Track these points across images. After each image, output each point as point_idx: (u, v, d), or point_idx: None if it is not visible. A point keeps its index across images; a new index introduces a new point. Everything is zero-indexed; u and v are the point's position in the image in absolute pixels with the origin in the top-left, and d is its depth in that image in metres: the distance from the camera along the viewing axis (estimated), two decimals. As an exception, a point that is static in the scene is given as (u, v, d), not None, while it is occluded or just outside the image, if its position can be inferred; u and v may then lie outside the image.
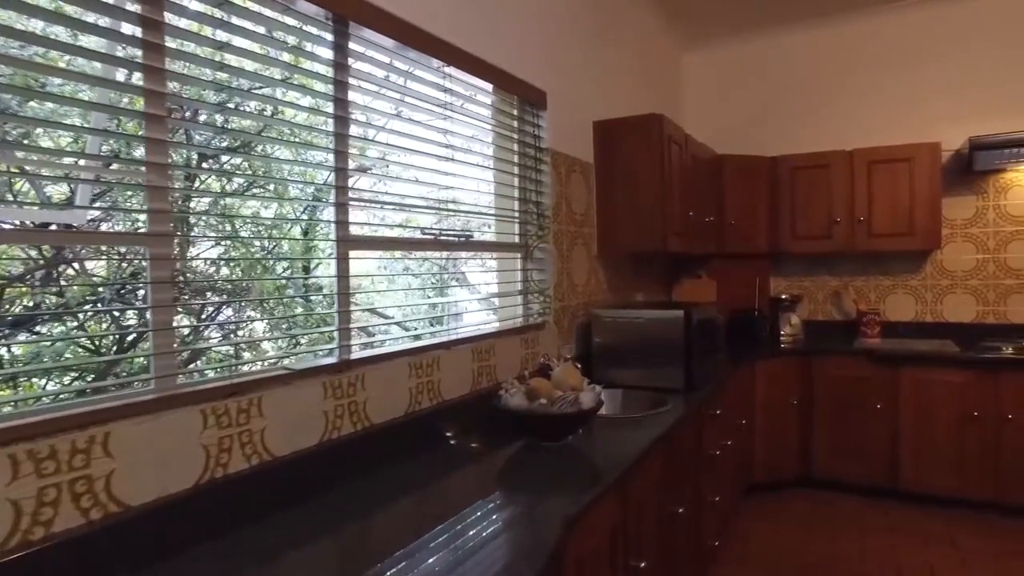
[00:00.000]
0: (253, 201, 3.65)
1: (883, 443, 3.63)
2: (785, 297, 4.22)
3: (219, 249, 3.55)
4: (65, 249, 2.54)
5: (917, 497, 3.56)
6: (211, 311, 3.81)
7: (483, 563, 1.15)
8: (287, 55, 1.65)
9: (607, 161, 3.12)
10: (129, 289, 2.97)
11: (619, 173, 3.10)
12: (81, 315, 2.83)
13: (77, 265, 2.73)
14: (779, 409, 3.78)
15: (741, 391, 3.49)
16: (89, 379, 2.66)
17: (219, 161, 3.40)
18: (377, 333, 3.74)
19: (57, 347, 2.75)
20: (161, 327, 1.27)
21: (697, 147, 3.63)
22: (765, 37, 4.48)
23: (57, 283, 2.67)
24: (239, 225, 3.39)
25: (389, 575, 1.12)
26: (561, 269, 2.80)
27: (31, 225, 1.35)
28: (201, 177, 3.33)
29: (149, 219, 1.26)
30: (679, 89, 4.71)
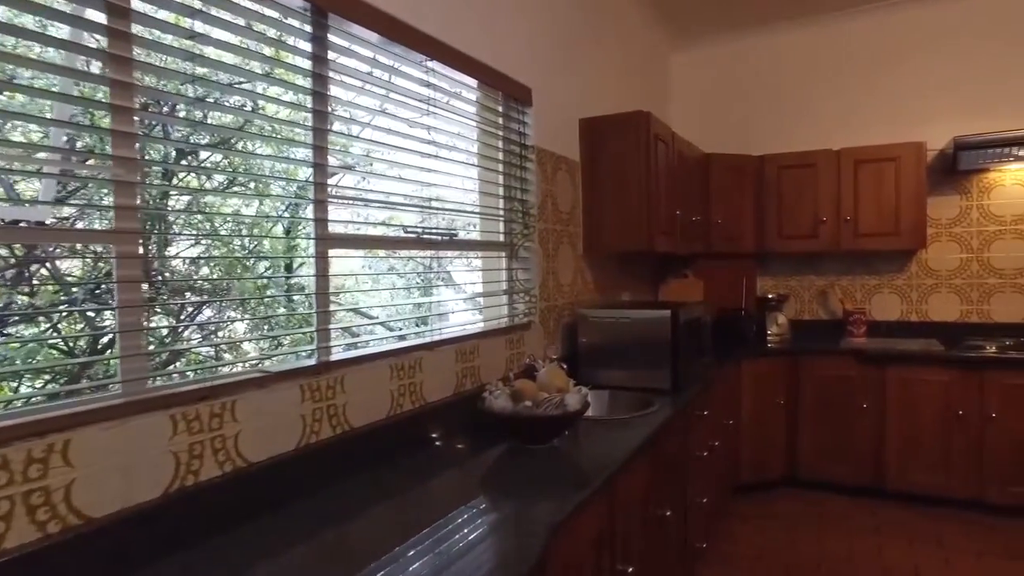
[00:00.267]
0: (234, 199, 3.57)
1: (869, 443, 3.63)
2: (772, 297, 4.22)
3: (198, 248, 3.48)
4: (38, 248, 2.46)
5: (903, 496, 3.56)
6: (191, 311, 3.73)
7: (466, 571, 1.12)
8: (267, 48, 1.60)
9: (593, 159, 3.09)
10: (106, 289, 2.90)
11: (605, 171, 3.06)
12: (55, 316, 2.75)
13: (50, 264, 2.65)
14: (766, 409, 3.77)
15: (728, 391, 3.47)
16: (62, 382, 2.59)
17: (198, 158, 3.32)
18: (361, 334, 3.68)
19: (30, 348, 2.67)
20: (129, 328, 1.22)
21: (684, 145, 3.61)
22: (752, 36, 4.47)
23: (29, 283, 2.59)
24: (219, 223, 3.32)
25: (367, 587, 1.07)
26: (547, 268, 2.76)
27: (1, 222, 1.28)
28: (179, 175, 3.26)
29: (116, 215, 1.21)
30: (666, 88, 4.70)
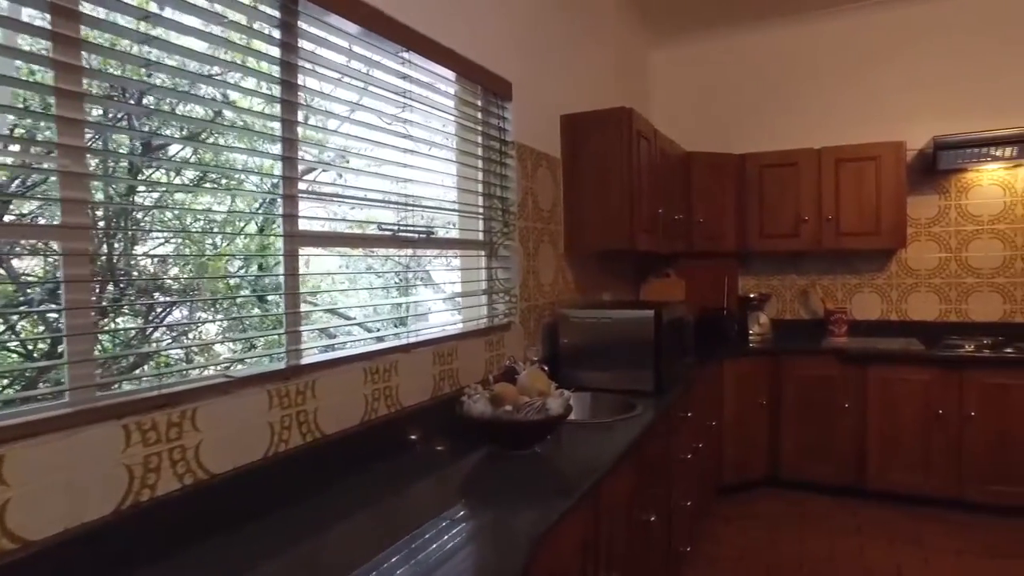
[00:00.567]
0: (206, 196, 3.45)
1: (850, 442, 3.62)
2: (753, 296, 4.20)
3: (165, 245, 3.36)
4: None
5: (883, 495, 3.56)
6: (160, 312, 3.60)
7: (442, 591, 1.05)
8: (233, 34, 1.51)
9: (575, 156, 3.03)
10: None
11: (587, 168, 3.01)
12: (13, 317, 2.62)
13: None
14: (748, 409, 3.74)
15: (710, 392, 3.44)
16: (16, 389, 2.46)
17: (166, 151, 3.20)
18: (338, 335, 3.58)
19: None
20: (78, 331, 1.13)
21: (666, 143, 3.57)
22: (733, 34, 4.45)
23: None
24: (190, 220, 3.20)
25: (335, 610, 1.00)
26: (527, 267, 2.70)
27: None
28: (146, 169, 3.13)
29: (62, 209, 1.11)
30: (647, 85, 4.66)
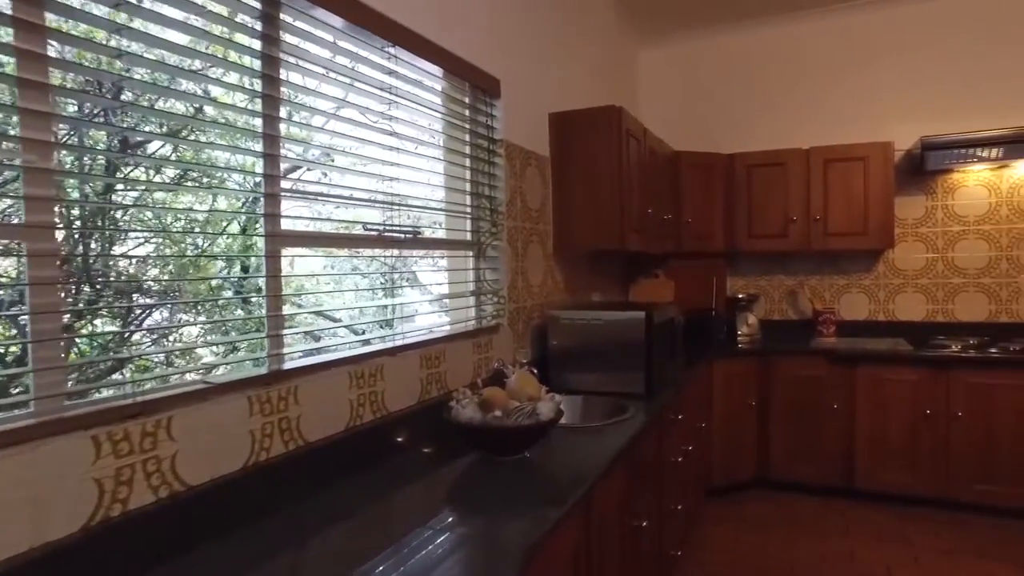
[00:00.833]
0: (187, 196, 3.37)
1: (839, 442, 3.62)
2: (742, 297, 4.19)
3: (145, 245, 3.27)
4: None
5: (871, 495, 3.56)
6: (139, 315, 3.52)
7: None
8: (213, 26, 1.45)
9: (564, 155, 2.99)
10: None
11: (576, 167, 2.97)
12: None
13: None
14: (737, 411, 3.72)
15: (700, 393, 3.41)
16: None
17: (145, 149, 3.12)
18: (323, 337, 3.51)
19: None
20: (44, 337, 1.07)
21: (655, 142, 3.54)
22: (721, 34, 4.43)
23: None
24: (171, 220, 3.12)
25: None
26: (515, 268, 2.65)
27: None
28: (124, 167, 3.05)
29: (27, 207, 1.05)
30: (635, 85, 4.63)
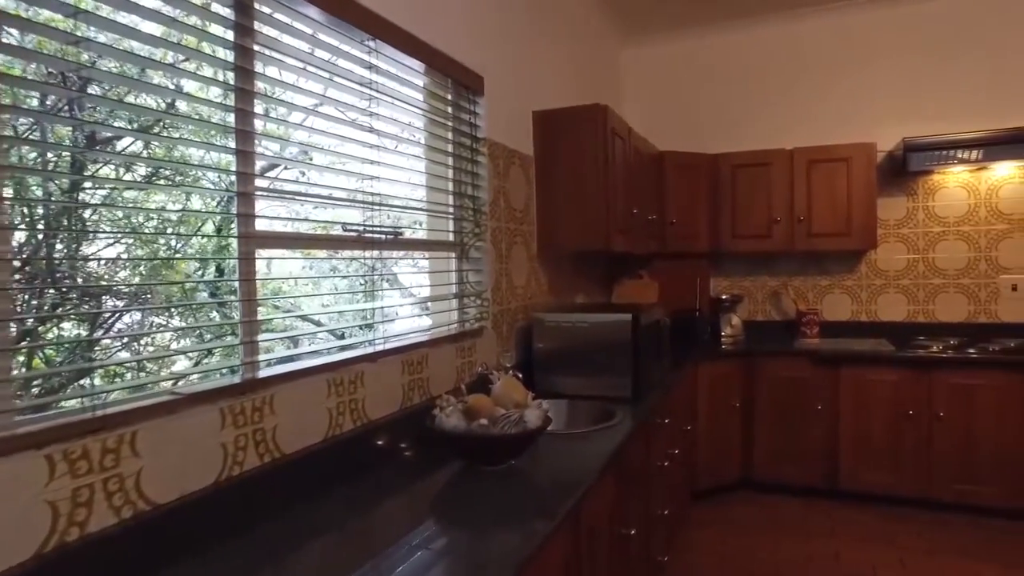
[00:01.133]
0: (159, 194, 3.26)
1: (823, 443, 3.61)
2: (726, 297, 4.17)
3: (115, 246, 3.16)
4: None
5: (855, 495, 3.56)
6: (108, 319, 3.40)
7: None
8: (178, 11, 1.37)
9: (548, 154, 2.94)
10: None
11: (561, 167, 2.91)
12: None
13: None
14: (722, 412, 3.70)
15: (685, 395, 3.38)
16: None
17: (114, 145, 3.00)
18: (301, 342, 3.41)
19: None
20: (-7, 348, 0.98)
21: (640, 142, 3.50)
22: (705, 34, 4.41)
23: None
24: (142, 219, 3.01)
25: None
26: (499, 270, 2.59)
27: None
28: (92, 164, 2.93)
29: (-27, 208, 0.97)
30: (618, 84, 4.59)
